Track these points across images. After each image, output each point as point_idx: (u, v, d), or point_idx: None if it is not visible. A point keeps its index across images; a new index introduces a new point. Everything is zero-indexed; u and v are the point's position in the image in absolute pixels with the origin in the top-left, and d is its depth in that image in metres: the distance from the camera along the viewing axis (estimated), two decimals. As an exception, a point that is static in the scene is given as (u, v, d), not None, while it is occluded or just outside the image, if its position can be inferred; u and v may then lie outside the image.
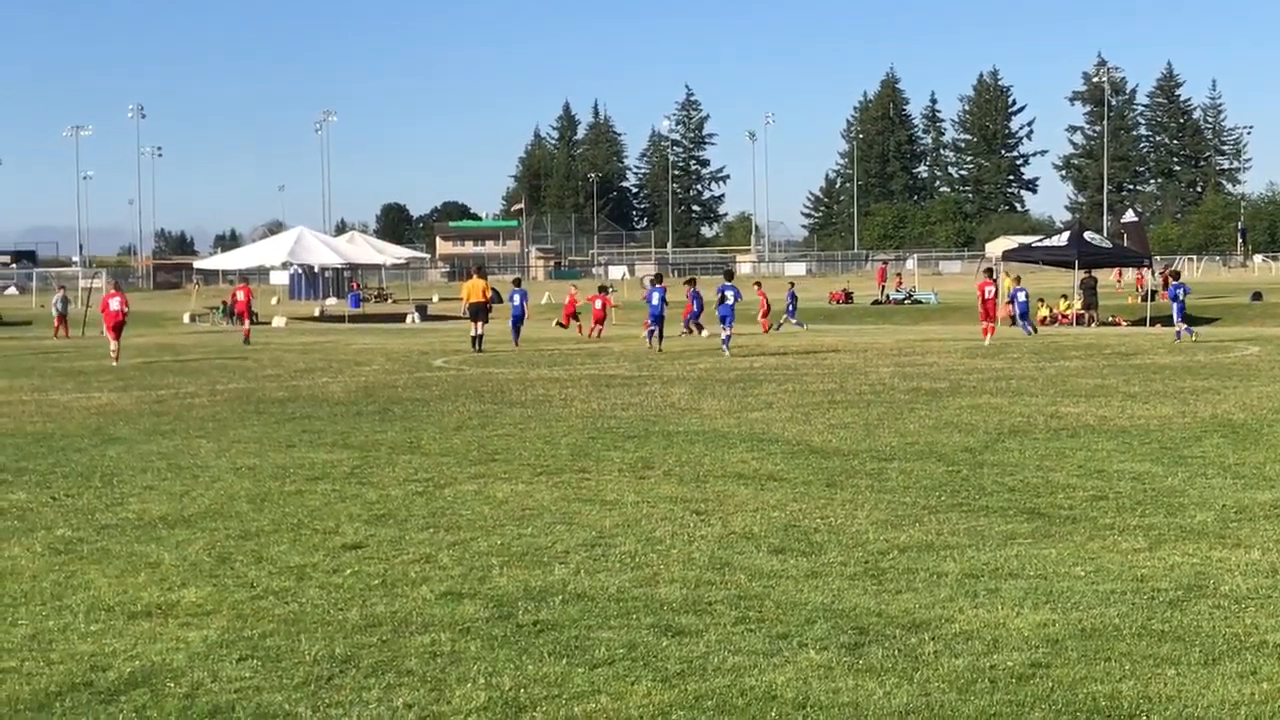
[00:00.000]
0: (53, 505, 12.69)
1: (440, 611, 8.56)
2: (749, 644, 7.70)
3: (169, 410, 21.41)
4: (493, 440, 16.86)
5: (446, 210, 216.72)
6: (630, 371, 28.55)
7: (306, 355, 36.30)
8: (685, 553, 10.15)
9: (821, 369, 28.21)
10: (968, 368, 28.11)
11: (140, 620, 8.49)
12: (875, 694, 6.80)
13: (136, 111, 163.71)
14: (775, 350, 35.57)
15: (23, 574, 9.83)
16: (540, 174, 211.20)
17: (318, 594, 9.08)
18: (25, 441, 17.48)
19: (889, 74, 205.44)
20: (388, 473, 14.32)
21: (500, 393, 23.56)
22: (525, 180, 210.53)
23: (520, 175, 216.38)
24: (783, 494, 12.63)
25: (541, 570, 9.67)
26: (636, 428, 17.91)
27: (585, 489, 13.11)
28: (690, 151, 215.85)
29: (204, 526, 11.49)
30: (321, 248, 71.58)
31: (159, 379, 28.27)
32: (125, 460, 15.60)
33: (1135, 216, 67.18)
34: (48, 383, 27.88)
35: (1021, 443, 15.88)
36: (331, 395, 23.61)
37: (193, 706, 6.79)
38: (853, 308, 66.51)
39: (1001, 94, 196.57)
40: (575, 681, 7.09)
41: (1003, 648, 7.56)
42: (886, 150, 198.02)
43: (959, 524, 11.07)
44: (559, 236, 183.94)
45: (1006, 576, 9.26)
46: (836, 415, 19.07)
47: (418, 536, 10.92)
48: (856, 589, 8.97)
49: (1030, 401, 20.67)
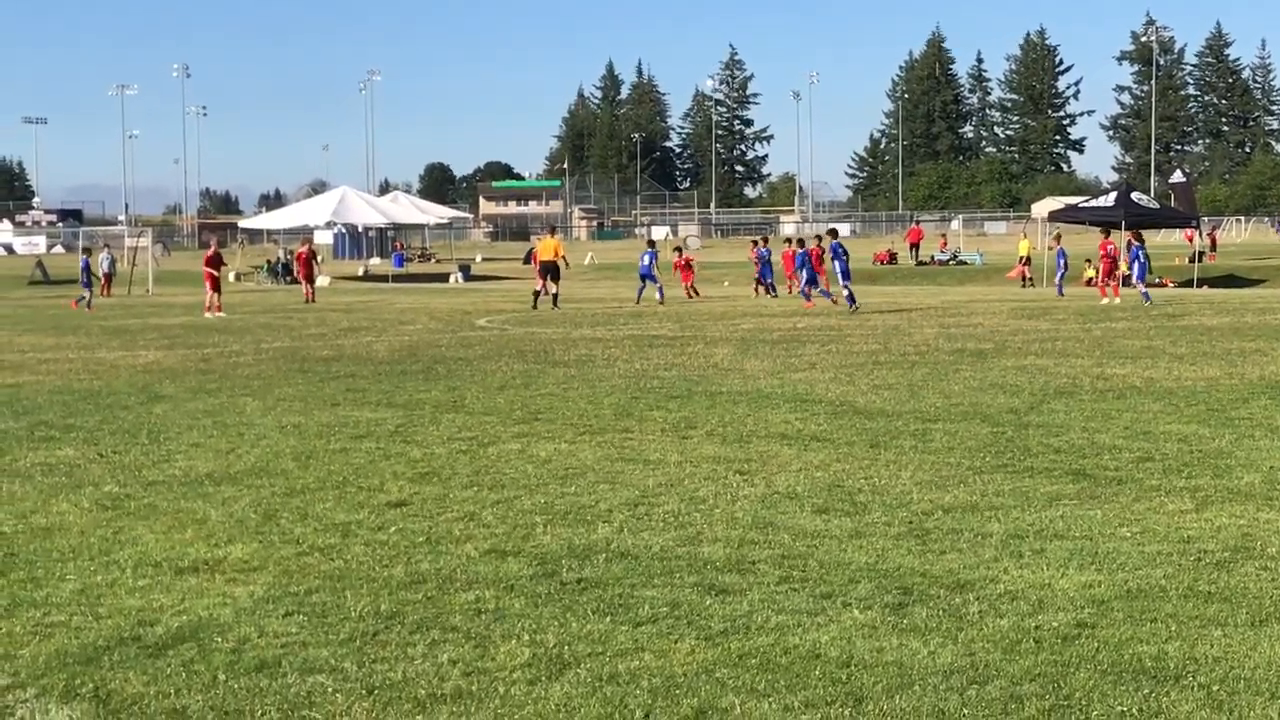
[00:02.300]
0: (100, 462, 12.79)
1: (484, 569, 8.59)
2: (793, 603, 7.70)
3: (214, 368, 21.52)
4: (536, 399, 16.89)
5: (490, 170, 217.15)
6: (673, 332, 28.53)
7: (350, 314, 36.41)
8: (728, 512, 10.15)
9: (865, 330, 28.11)
10: (1013, 329, 27.97)
11: (187, 576, 8.55)
12: (920, 653, 6.79)
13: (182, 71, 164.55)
14: (819, 311, 35.45)
15: (71, 529, 9.91)
16: (584, 134, 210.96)
17: (363, 551, 9.12)
18: (73, 399, 17.61)
19: (935, 33, 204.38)
20: (432, 431, 14.37)
21: (543, 352, 23.58)
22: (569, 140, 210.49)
23: (564, 135, 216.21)
24: (826, 454, 12.61)
25: (585, 529, 9.69)
26: (679, 388, 17.90)
27: (628, 448, 13.12)
28: (734, 111, 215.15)
29: (250, 483, 11.56)
30: (365, 207, 71.68)
31: (204, 337, 28.43)
32: (172, 417, 15.69)
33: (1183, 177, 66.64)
34: (94, 340, 28.06)
35: (1067, 404, 15.80)
36: (376, 354, 23.69)
37: (239, 661, 6.84)
38: (897, 268, 66.30)
39: (1049, 53, 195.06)
40: (619, 639, 7.10)
41: (1048, 608, 7.53)
42: (932, 110, 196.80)
43: (1004, 485, 11.03)
44: (602, 197, 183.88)
45: (1052, 537, 9.22)
46: (880, 376, 19.01)
47: (462, 494, 10.95)
48: (901, 549, 8.95)
49: (1076, 363, 20.56)
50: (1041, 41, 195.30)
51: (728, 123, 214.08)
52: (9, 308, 43.53)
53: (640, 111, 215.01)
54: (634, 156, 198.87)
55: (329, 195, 75.37)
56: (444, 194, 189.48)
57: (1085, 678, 6.43)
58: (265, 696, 6.35)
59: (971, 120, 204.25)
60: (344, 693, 6.38)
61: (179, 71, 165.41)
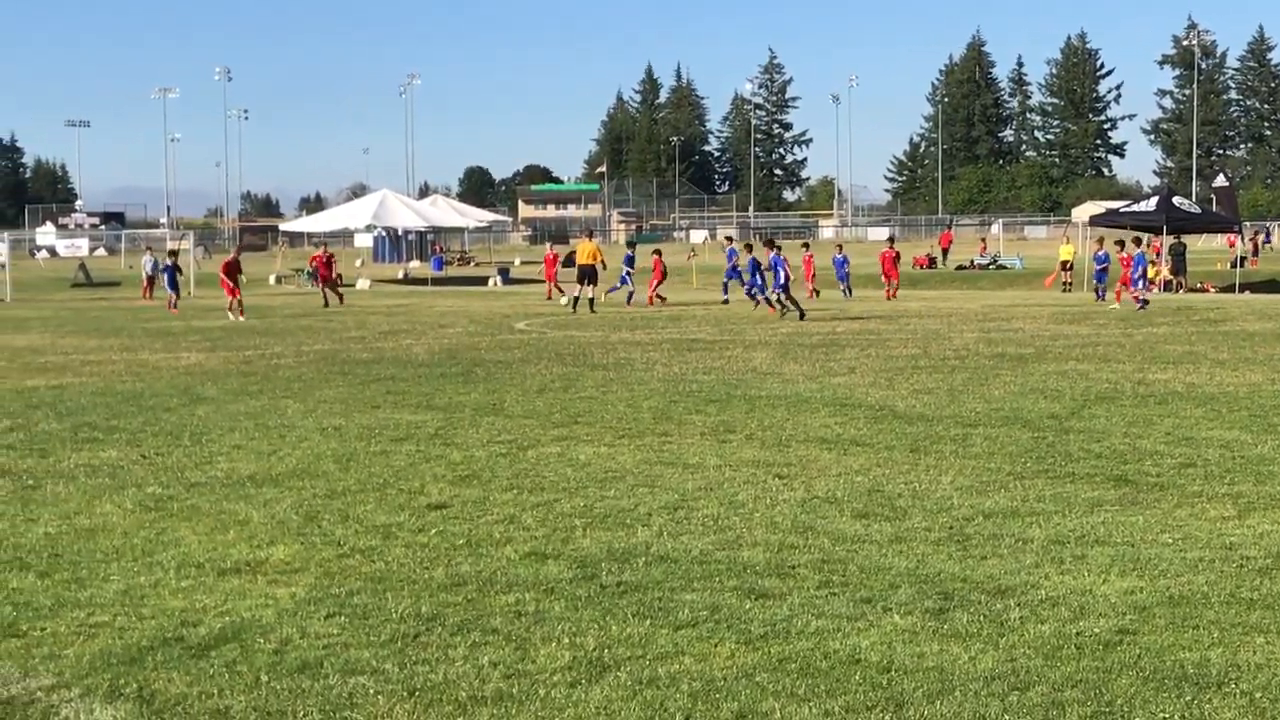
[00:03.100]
0: (143, 463, 12.87)
1: (524, 571, 8.61)
2: (833, 608, 7.69)
3: (256, 371, 21.63)
4: (575, 403, 16.91)
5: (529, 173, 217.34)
6: (712, 335, 28.52)
7: (390, 317, 36.52)
8: (768, 516, 10.15)
9: (905, 334, 28.05)
10: (1053, 333, 27.86)
11: (230, 577, 8.61)
12: (960, 659, 6.78)
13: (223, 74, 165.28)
14: (858, 315, 35.39)
15: (115, 530, 9.98)
16: (622, 137, 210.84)
17: (403, 553, 9.16)
18: (116, 400, 17.73)
19: (975, 37, 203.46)
20: (471, 434, 14.41)
21: (582, 356, 23.60)
22: (607, 143, 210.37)
23: (602, 139, 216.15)
24: (866, 459, 12.59)
25: (624, 532, 9.71)
26: (718, 391, 17.90)
27: (667, 452, 13.13)
28: (773, 115, 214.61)
29: (291, 485, 11.62)
30: (405, 210, 71.90)
31: (245, 340, 28.57)
32: (214, 419, 15.78)
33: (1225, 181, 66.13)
34: (137, 342, 28.24)
35: (1108, 409, 15.73)
36: (415, 357, 23.76)
37: (282, 662, 6.88)
38: (936, 273, 66.02)
39: (1089, 57, 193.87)
40: (659, 642, 7.11)
41: (1089, 614, 7.51)
42: (972, 114, 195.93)
43: (1045, 490, 10.99)
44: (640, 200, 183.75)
45: (1093, 543, 9.19)
46: (920, 380, 18.97)
47: (501, 497, 10.98)
48: (941, 554, 8.93)
49: (1117, 368, 20.47)
50: (1082, 45, 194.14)
51: (767, 126, 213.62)
52: (52, 310, 43.82)
53: (679, 115, 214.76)
54: (673, 160, 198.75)
55: (369, 198, 75.66)
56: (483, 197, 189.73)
57: (1127, 684, 6.41)
58: (307, 697, 6.39)
59: (1012, 124, 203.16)
60: (385, 694, 6.41)
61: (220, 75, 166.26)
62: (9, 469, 12.59)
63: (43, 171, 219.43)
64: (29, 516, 10.48)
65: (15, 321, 37.07)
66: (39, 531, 9.96)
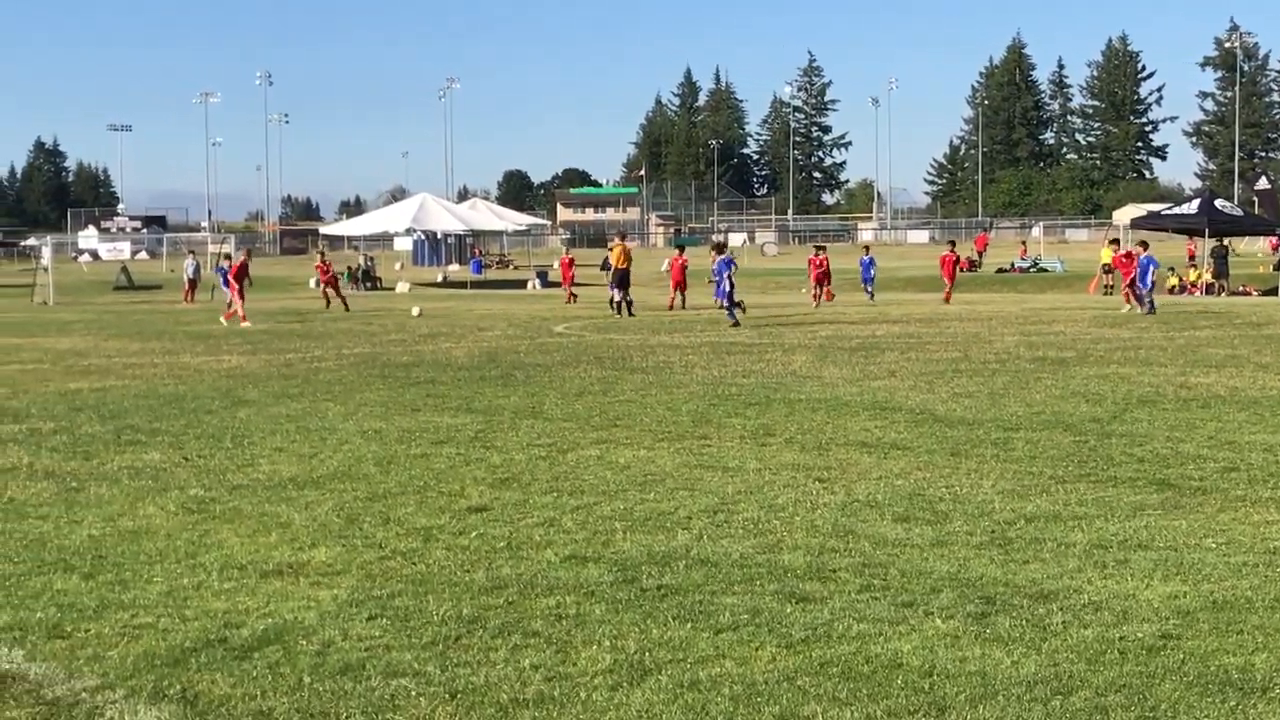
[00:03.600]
0: (186, 466, 12.94)
1: (565, 574, 8.62)
2: (874, 611, 7.67)
3: (296, 374, 21.72)
4: (614, 406, 16.92)
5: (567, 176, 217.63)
6: (751, 338, 28.49)
7: (429, 320, 36.62)
8: (808, 520, 10.13)
9: (945, 337, 27.97)
10: (1095, 336, 27.73)
11: (272, 579, 8.64)
12: (1003, 663, 6.75)
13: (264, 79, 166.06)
14: (897, 318, 35.31)
15: (158, 532, 10.04)
16: (661, 140, 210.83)
17: (444, 555, 9.18)
18: (158, 403, 17.83)
19: (1016, 39, 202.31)
20: (511, 437, 14.43)
21: (621, 359, 23.62)
22: (646, 147, 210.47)
23: (641, 142, 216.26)
24: (906, 462, 12.56)
25: (664, 535, 9.70)
26: (758, 395, 17.88)
27: (707, 455, 13.13)
28: (812, 118, 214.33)
29: (332, 488, 11.66)
30: (444, 214, 72.18)
31: (286, 343, 28.70)
32: (255, 422, 15.86)
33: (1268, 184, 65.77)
34: (178, 346, 28.40)
35: (1150, 413, 15.65)
36: (455, 360, 23.82)
37: (324, 664, 6.90)
38: (977, 275, 65.83)
39: (1131, 59, 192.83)
40: (700, 646, 7.11)
41: (1132, 619, 7.47)
42: (1012, 116, 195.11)
43: (1087, 494, 10.94)
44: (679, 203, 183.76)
45: (1136, 547, 9.14)
46: (961, 384, 18.91)
47: (541, 500, 11.00)
48: (983, 558, 8.90)
49: (1159, 371, 20.36)
50: (1123, 47, 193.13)
51: (806, 129, 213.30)
52: (94, 313, 44.11)
53: (718, 118, 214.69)
54: (711, 163, 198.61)
55: (409, 202, 75.96)
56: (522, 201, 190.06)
57: (1171, 689, 6.37)
58: (349, 699, 6.41)
59: (1052, 126, 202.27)
60: (427, 696, 6.43)
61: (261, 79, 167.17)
62: (53, 471, 12.68)
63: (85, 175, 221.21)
64: (73, 518, 10.55)
65: (58, 324, 37.35)
66: (83, 533, 10.03)
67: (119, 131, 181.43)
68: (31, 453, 13.75)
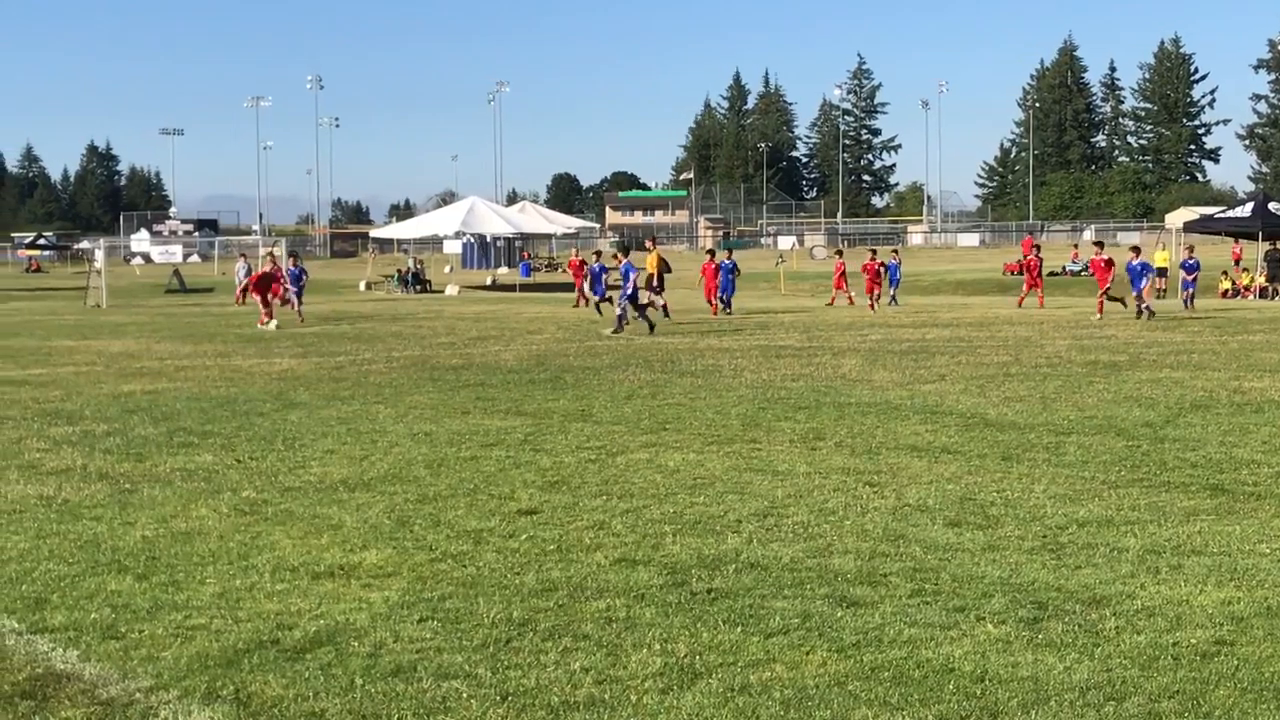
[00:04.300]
0: (238, 468, 13.02)
1: (615, 577, 8.62)
2: (925, 616, 7.65)
3: (347, 376, 21.82)
4: (663, 409, 16.92)
5: (616, 180, 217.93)
6: (800, 342, 28.44)
7: (479, 323, 36.72)
8: (858, 524, 10.10)
9: (996, 341, 27.84)
10: (1147, 340, 27.54)
11: (324, 580, 8.68)
12: (1055, 669, 6.71)
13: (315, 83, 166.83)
14: (947, 322, 35.17)
15: (210, 534, 10.10)
16: (710, 143, 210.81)
17: (494, 558, 9.20)
18: (210, 405, 17.95)
19: (1067, 41, 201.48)
20: (560, 440, 14.45)
21: (670, 362, 23.62)
22: (695, 150, 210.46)
23: (690, 145, 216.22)
24: (957, 467, 12.51)
25: (714, 539, 9.70)
26: (807, 398, 17.84)
27: (756, 459, 13.11)
28: (861, 121, 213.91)
29: (383, 490, 11.71)
30: (493, 217, 72.32)
31: (336, 345, 28.83)
32: (306, 424, 15.94)
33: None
34: (230, 348, 28.57)
35: (1204, 418, 15.53)
36: (504, 363, 23.88)
37: (376, 666, 6.93)
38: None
39: (1183, 62, 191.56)
40: (750, 650, 7.10)
41: (1186, 625, 7.41)
42: (1064, 119, 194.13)
43: (1139, 499, 10.87)
44: (728, 206, 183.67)
45: (1189, 553, 9.07)
46: (1011, 388, 18.82)
47: (591, 503, 11.01)
48: (1035, 563, 8.85)
49: (1212, 376, 20.20)
50: (1176, 49, 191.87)
51: (855, 132, 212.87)
52: (147, 316, 44.43)
53: (767, 121, 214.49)
54: (760, 166, 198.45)
55: (458, 205, 76.16)
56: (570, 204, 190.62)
57: (1225, 695, 6.32)
58: (401, 701, 6.43)
59: (1104, 129, 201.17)
60: (478, 699, 6.44)
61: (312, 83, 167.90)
62: (107, 473, 12.78)
63: (138, 179, 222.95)
64: (126, 520, 10.63)
65: (111, 327, 37.64)
66: (136, 535, 10.10)
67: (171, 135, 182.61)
68: (85, 455, 13.86)
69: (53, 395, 19.37)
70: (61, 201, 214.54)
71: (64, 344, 30.67)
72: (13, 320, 42.79)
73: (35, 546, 9.74)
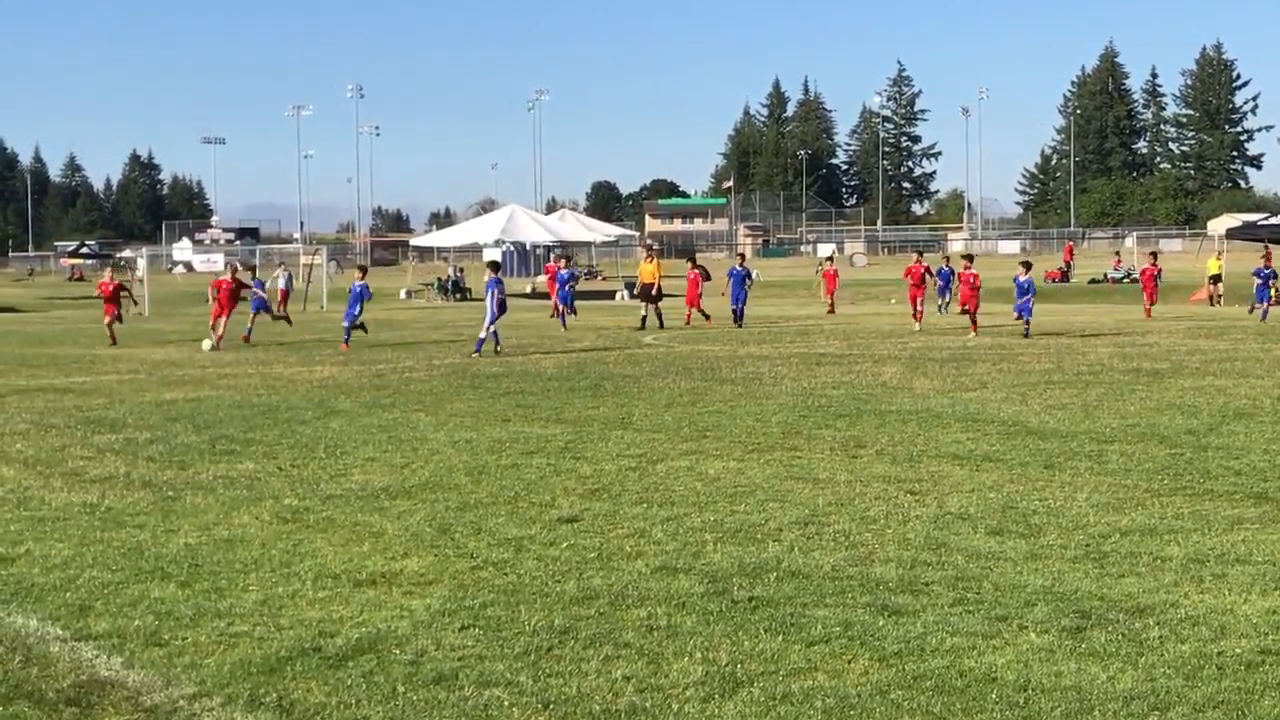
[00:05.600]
0: (280, 475, 13.07)
1: (656, 585, 8.62)
2: (967, 625, 7.62)
3: (388, 384, 21.89)
4: (704, 417, 16.91)
5: (655, 187, 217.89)
6: (840, 350, 28.39)
7: (518, 331, 36.76)
8: (900, 532, 10.07)
9: (1038, 349, 27.72)
10: (1190, 348, 27.37)
11: (365, 588, 8.71)
12: (1099, 678, 6.68)
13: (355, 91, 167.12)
14: (989, 330, 35.02)
15: (252, 542, 10.14)
16: (749, 151, 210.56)
17: (535, 565, 9.21)
18: (252, 413, 18.03)
19: (1108, 48, 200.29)
20: (601, 448, 14.46)
21: (710, 370, 23.61)
22: (734, 157, 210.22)
23: (729, 152, 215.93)
24: (999, 475, 12.45)
25: (755, 547, 9.68)
26: (848, 406, 17.81)
27: (797, 467, 13.09)
28: (901, 128, 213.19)
29: (424, 498, 11.74)
30: (533, 225, 72.45)
31: (377, 353, 28.92)
32: (347, 432, 15.99)
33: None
34: (271, 356, 28.71)
35: (1248, 425, 15.43)
36: (544, 371, 23.91)
37: (418, 673, 6.94)
38: (1068, 287, 65.24)
39: (1225, 68, 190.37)
40: (792, 658, 7.09)
41: (1230, 634, 7.36)
42: (1105, 126, 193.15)
43: (1183, 508, 10.80)
44: (767, 214, 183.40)
45: (1233, 562, 9.01)
46: (1053, 396, 18.73)
47: (632, 511, 11.01)
48: (1077, 572, 8.81)
49: (1256, 383, 20.06)
50: (1218, 55, 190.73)
51: (895, 139, 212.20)
52: (189, 324, 44.64)
53: (806, 128, 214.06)
54: (800, 173, 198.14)
55: (498, 213, 76.37)
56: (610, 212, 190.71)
57: (1271, 705, 6.28)
58: (443, 709, 6.44)
59: (1145, 136, 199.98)
60: (520, 706, 6.45)
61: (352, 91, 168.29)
62: (150, 480, 12.85)
63: (179, 188, 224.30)
64: (169, 527, 10.69)
65: (154, 335, 37.87)
66: (179, 542, 10.15)
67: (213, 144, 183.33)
68: (128, 462, 13.95)
69: (96, 403, 19.50)
70: (104, 211, 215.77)
71: (107, 352, 30.88)
72: (55, 329, 43.13)
73: (79, 554, 9.80)
